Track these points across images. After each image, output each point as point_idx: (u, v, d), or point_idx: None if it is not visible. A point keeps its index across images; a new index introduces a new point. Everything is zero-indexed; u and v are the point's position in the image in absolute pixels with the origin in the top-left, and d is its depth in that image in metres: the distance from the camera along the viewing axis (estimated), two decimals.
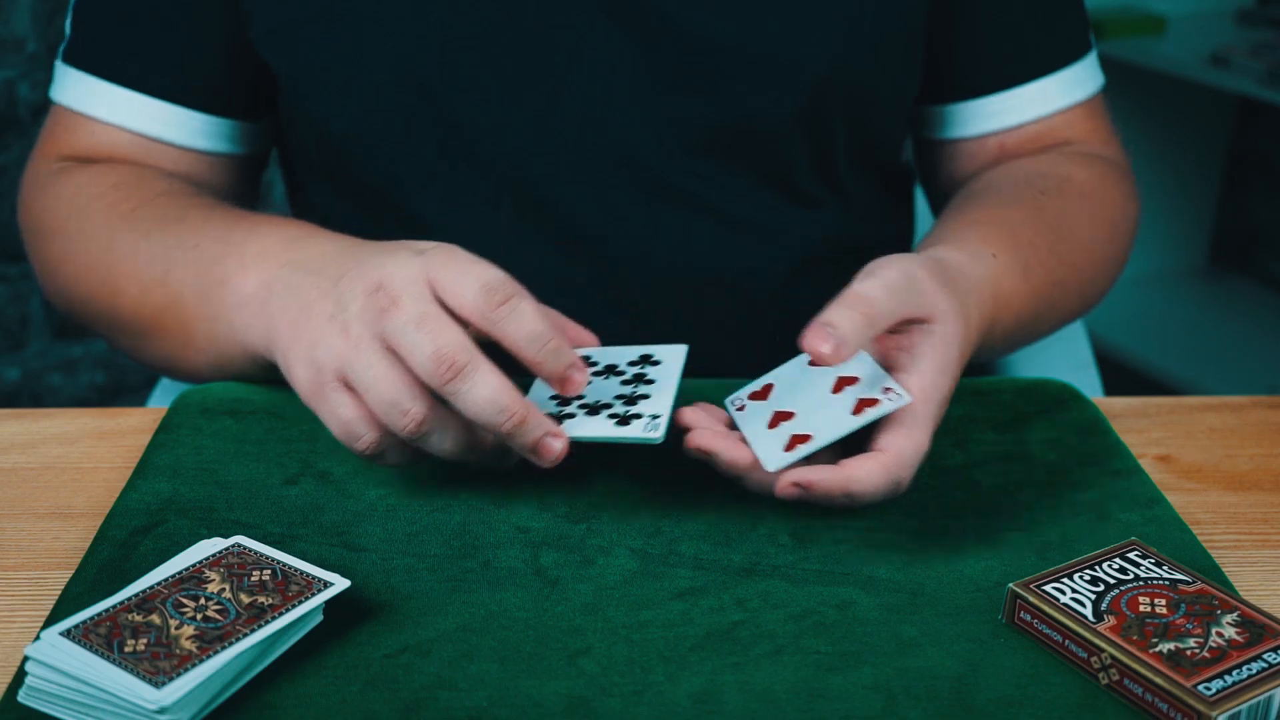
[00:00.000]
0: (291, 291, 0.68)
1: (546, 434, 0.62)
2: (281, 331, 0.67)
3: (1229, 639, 0.55)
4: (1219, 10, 2.45)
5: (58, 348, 2.07)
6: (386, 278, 0.63)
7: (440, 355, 0.60)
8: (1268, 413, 0.79)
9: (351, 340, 0.63)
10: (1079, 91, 0.92)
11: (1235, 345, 2.39)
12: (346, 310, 0.64)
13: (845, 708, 0.53)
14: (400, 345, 0.61)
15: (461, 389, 0.60)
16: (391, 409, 0.62)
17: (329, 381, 0.64)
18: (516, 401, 0.61)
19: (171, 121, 0.86)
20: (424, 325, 0.61)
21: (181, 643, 0.52)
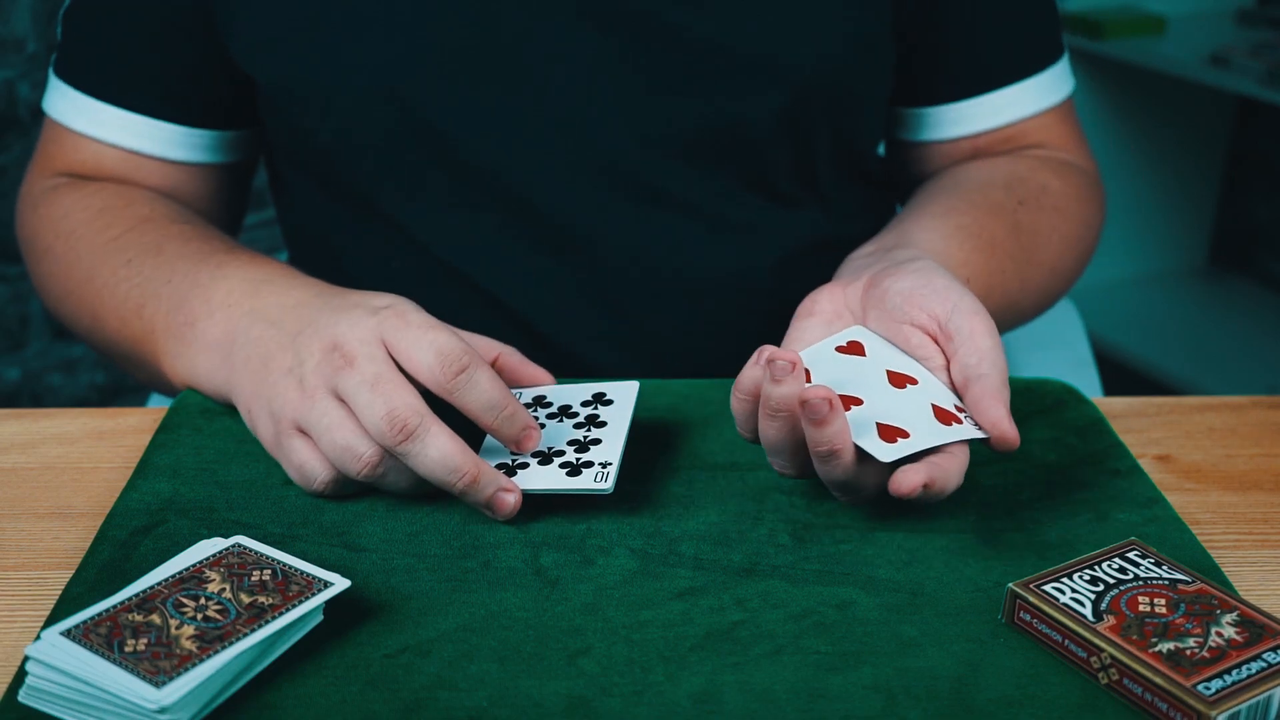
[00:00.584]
0: (253, 344, 0.70)
1: (499, 490, 0.64)
2: (244, 384, 0.70)
3: (1228, 639, 0.55)
4: (1219, 10, 2.45)
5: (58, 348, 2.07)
6: (341, 337, 0.65)
7: (393, 417, 0.62)
8: (1267, 413, 0.79)
9: (307, 393, 0.65)
10: (1051, 96, 0.93)
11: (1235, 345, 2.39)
12: (303, 365, 0.66)
13: (845, 708, 0.53)
14: (354, 404, 0.64)
15: (413, 450, 0.63)
16: (345, 454, 0.64)
17: (285, 430, 0.66)
18: (468, 461, 0.63)
19: (155, 136, 0.87)
20: (377, 387, 0.63)
21: (182, 642, 0.52)
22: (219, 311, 0.73)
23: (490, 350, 0.71)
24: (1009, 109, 0.92)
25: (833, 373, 0.65)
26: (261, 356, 0.69)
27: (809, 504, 0.67)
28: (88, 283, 0.82)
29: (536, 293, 0.86)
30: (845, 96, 0.86)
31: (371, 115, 0.82)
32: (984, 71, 0.91)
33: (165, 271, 0.78)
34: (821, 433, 0.60)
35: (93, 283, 0.81)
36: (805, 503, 0.67)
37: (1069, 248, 0.90)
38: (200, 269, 0.77)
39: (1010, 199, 0.86)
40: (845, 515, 0.66)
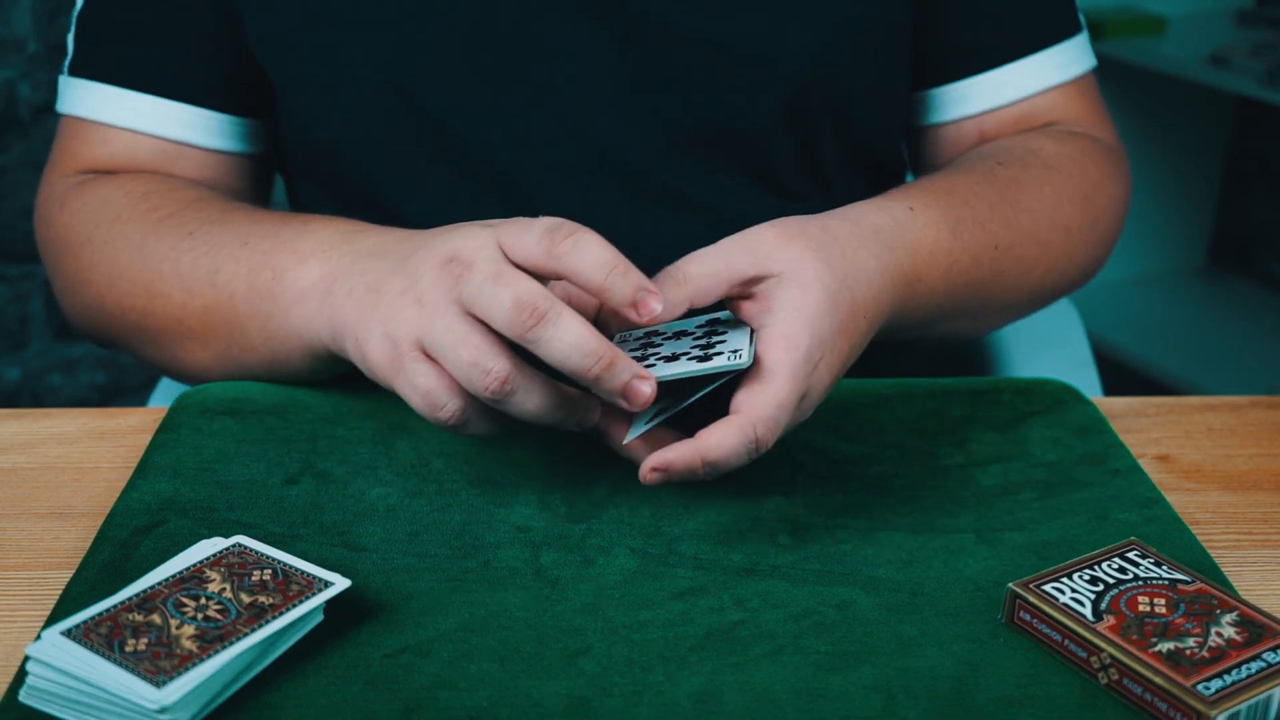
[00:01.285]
0: (356, 276, 0.67)
1: (634, 376, 0.60)
2: (349, 315, 0.66)
3: (1228, 639, 0.55)
4: (1219, 10, 2.45)
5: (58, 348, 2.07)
6: (457, 249, 0.62)
7: (521, 303, 0.59)
8: (1267, 413, 0.79)
9: (428, 309, 0.62)
10: (1062, 73, 0.90)
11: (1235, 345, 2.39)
12: (419, 282, 0.63)
13: (845, 708, 0.53)
14: (478, 304, 0.60)
15: (545, 335, 0.59)
16: (473, 369, 0.60)
17: (407, 353, 0.62)
18: (603, 345, 0.60)
19: (192, 123, 0.85)
20: (500, 279, 0.60)
21: (182, 642, 0.52)
22: (313, 258, 0.70)
23: None
24: (1014, 85, 0.89)
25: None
26: (368, 285, 0.66)
27: (809, 504, 0.67)
28: (140, 261, 0.78)
29: None
30: (847, 89, 0.85)
31: (373, 108, 0.82)
32: (986, 48, 0.89)
33: (239, 235, 0.75)
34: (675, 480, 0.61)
35: (147, 259, 0.78)
36: (805, 503, 0.67)
37: (1070, 200, 0.85)
38: (283, 227, 0.74)
39: (985, 162, 0.83)
40: (845, 515, 0.66)
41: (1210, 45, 2.20)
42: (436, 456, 0.71)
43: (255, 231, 0.75)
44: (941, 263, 0.75)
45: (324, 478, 0.69)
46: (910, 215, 0.73)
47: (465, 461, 0.70)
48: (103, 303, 0.82)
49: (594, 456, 0.70)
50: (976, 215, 0.78)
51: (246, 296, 0.73)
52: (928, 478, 0.70)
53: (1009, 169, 0.83)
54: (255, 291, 0.73)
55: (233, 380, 0.78)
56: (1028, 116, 0.91)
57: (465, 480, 0.69)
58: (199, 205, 0.80)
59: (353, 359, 0.67)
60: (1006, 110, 0.90)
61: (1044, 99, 0.90)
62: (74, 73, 0.86)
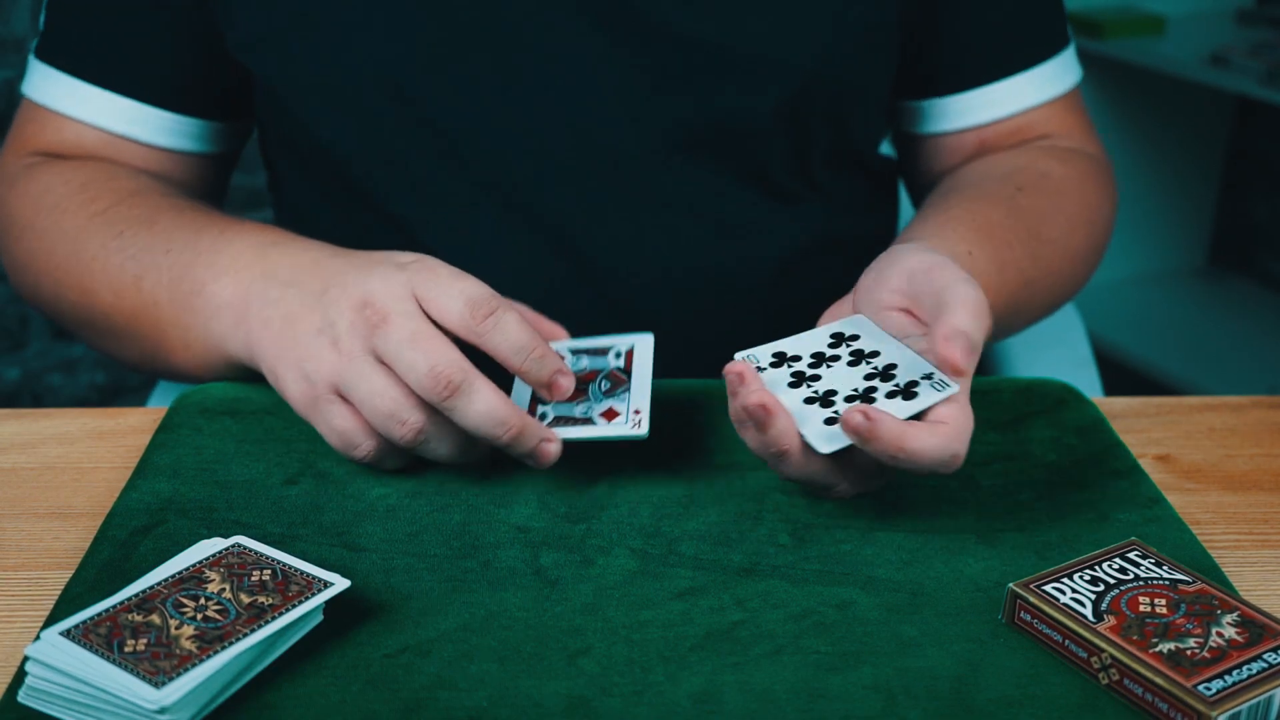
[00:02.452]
0: (271, 305, 0.69)
1: (542, 441, 0.64)
2: (265, 344, 0.68)
3: (1229, 639, 0.55)
4: (1219, 10, 2.45)
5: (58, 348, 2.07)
6: (372, 294, 0.65)
7: (436, 374, 0.62)
8: (1268, 413, 0.79)
9: (344, 354, 0.64)
10: (1057, 86, 0.92)
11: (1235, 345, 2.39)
12: (335, 326, 0.65)
13: (845, 708, 0.53)
14: (396, 363, 0.63)
15: (459, 405, 0.62)
16: (389, 420, 0.64)
17: (323, 394, 0.65)
18: (513, 413, 0.63)
19: (138, 120, 0.86)
20: (417, 344, 0.63)
21: (181, 643, 0.52)
22: (226, 275, 0.72)
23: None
24: (1013, 99, 0.91)
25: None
26: (284, 316, 0.68)
27: (809, 504, 0.67)
28: (75, 256, 0.80)
29: (534, 289, 0.85)
30: (844, 92, 0.86)
31: (370, 109, 0.82)
32: (987, 62, 0.91)
33: (163, 241, 0.77)
34: (763, 437, 0.62)
35: (80, 256, 0.80)
36: (805, 503, 0.67)
37: (1076, 229, 0.88)
38: (200, 237, 0.75)
39: (1006, 187, 0.85)
40: (845, 515, 0.66)
41: (1210, 45, 2.20)
42: None
43: (177, 239, 0.77)
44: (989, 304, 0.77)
45: (324, 478, 0.69)
46: (969, 261, 0.76)
47: None
48: (40, 289, 0.84)
49: (594, 456, 0.69)
50: (1014, 256, 0.81)
51: (169, 305, 0.75)
52: (928, 478, 0.70)
53: (1029, 198, 0.85)
54: (176, 303, 0.75)
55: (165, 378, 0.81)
56: (1025, 128, 0.92)
57: (465, 480, 0.69)
58: (133, 201, 0.81)
59: (269, 381, 0.70)
60: (1007, 121, 0.92)
61: (1040, 111, 0.92)
62: (38, 55, 0.88)
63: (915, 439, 0.60)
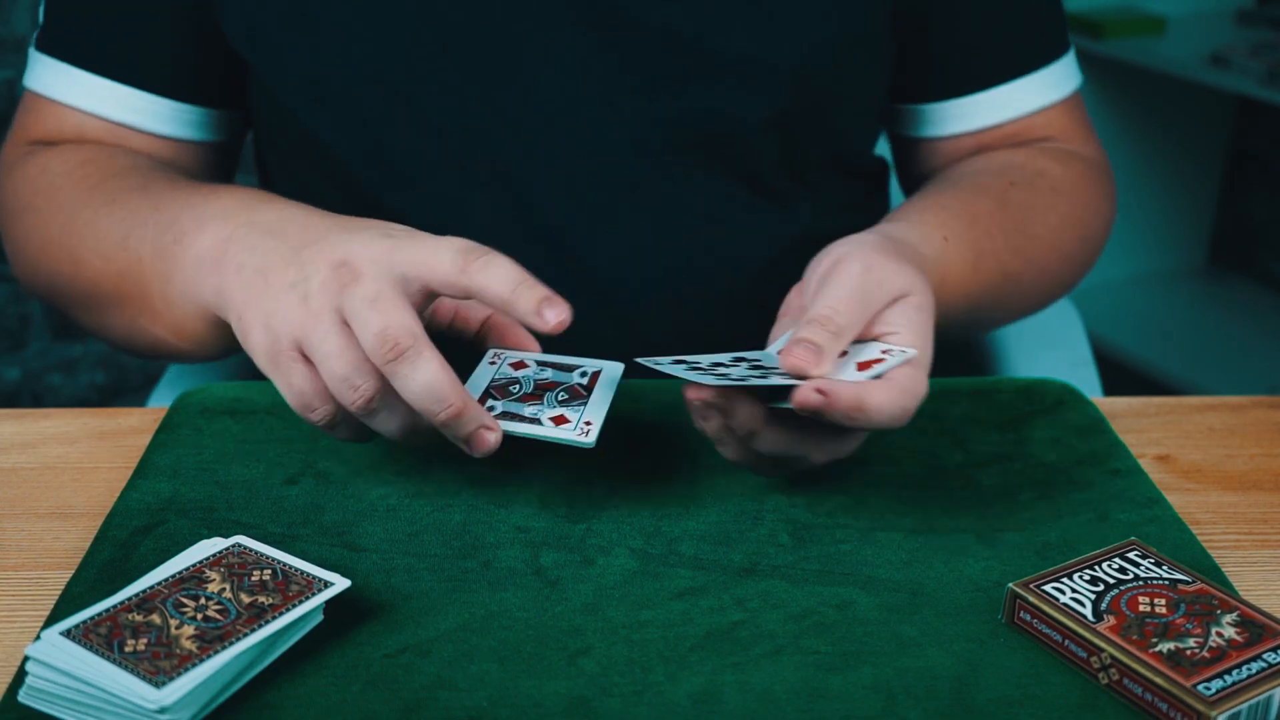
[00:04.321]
0: (249, 251, 0.68)
1: (481, 426, 0.62)
2: (236, 292, 0.67)
3: (1229, 639, 0.55)
4: (1219, 10, 2.45)
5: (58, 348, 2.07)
6: (352, 254, 0.64)
7: (385, 335, 0.61)
8: (1268, 413, 0.79)
9: (311, 311, 0.63)
10: (1056, 91, 0.92)
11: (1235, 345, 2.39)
12: (308, 281, 0.64)
13: (845, 708, 0.53)
14: (354, 320, 0.62)
15: (401, 371, 0.61)
16: (342, 384, 0.62)
17: (285, 350, 0.64)
18: (454, 392, 0.61)
19: (140, 108, 0.86)
20: (376, 304, 0.62)
21: (182, 642, 0.52)
22: (211, 223, 0.71)
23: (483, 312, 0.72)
24: (1012, 104, 0.91)
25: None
26: (258, 267, 0.66)
27: (809, 504, 0.67)
28: (68, 226, 0.80)
29: None
30: (835, 93, 0.86)
31: (361, 105, 0.82)
32: (986, 67, 0.91)
33: (151, 200, 0.76)
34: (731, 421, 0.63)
35: (73, 225, 0.80)
36: (805, 503, 0.67)
37: (1069, 228, 0.88)
38: (193, 194, 0.75)
39: (1000, 180, 0.85)
40: (845, 515, 0.66)
41: (1210, 45, 2.20)
42: (437, 456, 0.71)
43: (166, 197, 0.76)
44: (959, 291, 0.78)
45: (324, 478, 0.69)
46: (945, 246, 0.76)
47: (465, 461, 0.70)
48: (38, 268, 0.84)
49: (594, 456, 0.69)
50: (995, 246, 0.81)
51: (151, 258, 0.75)
52: (928, 478, 0.70)
53: (1021, 192, 0.85)
54: (158, 253, 0.74)
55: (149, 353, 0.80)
56: (1023, 132, 0.92)
57: (465, 480, 0.69)
58: (127, 173, 0.81)
59: (235, 334, 0.68)
60: (1004, 127, 0.92)
61: (1039, 116, 0.92)
62: (38, 46, 0.88)
63: (872, 397, 0.61)
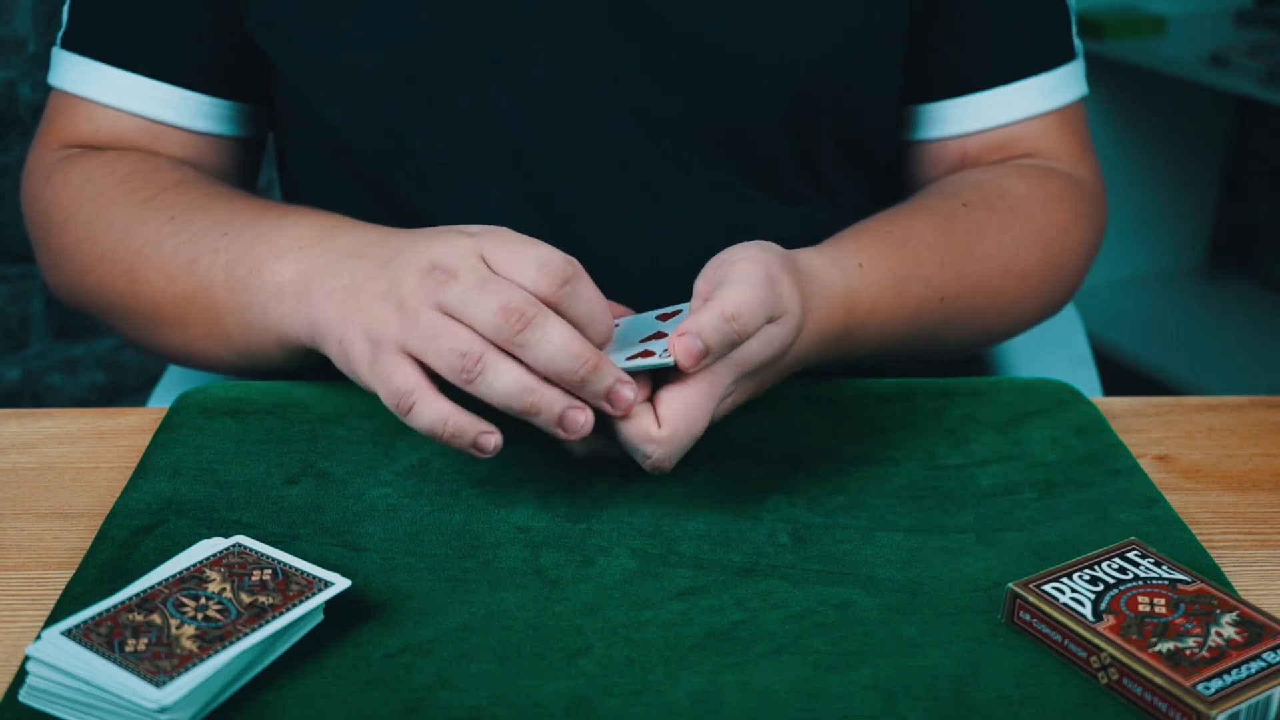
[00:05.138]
0: (334, 277, 0.67)
1: (618, 381, 0.62)
2: (330, 315, 0.67)
3: (1228, 639, 0.55)
4: (1218, 10, 2.45)
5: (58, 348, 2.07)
6: (439, 256, 0.63)
7: (508, 309, 0.60)
8: (1268, 413, 0.79)
9: (408, 312, 0.63)
10: (1049, 100, 0.90)
11: (1235, 345, 2.39)
12: (400, 288, 0.63)
13: (845, 708, 0.53)
14: (463, 310, 0.61)
15: (533, 339, 0.60)
16: (450, 355, 0.61)
17: (386, 350, 0.63)
18: (588, 350, 0.61)
19: (175, 104, 0.85)
20: (485, 287, 0.61)
21: (182, 642, 0.52)
22: (289, 254, 0.71)
23: None
24: (998, 110, 0.89)
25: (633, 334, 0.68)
26: (348, 286, 0.66)
27: (809, 504, 0.67)
28: (123, 244, 0.79)
29: None
30: (850, 92, 0.85)
31: (379, 95, 0.82)
32: (976, 70, 0.89)
33: (219, 225, 0.75)
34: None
35: (130, 243, 0.78)
36: (805, 503, 0.67)
37: (1029, 249, 0.85)
38: (260, 219, 0.74)
39: (950, 202, 0.83)
40: (845, 515, 0.66)
41: (1210, 45, 2.20)
42: (436, 456, 0.71)
43: (235, 221, 0.75)
44: (879, 317, 0.77)
45: (324, 478, 0.69)
46: (859, 273, 0.75)
47: (465, 461, 0.70)
48: (85, 281, 0.82)
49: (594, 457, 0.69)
50: (925, 270, 0.79)
51: (225, 288, 0.74)
52: (928, 478, 0.70)
53: (972, 212, 0.83)
54: (233, 284, 0.73)
55: (206, 369, 0.80)
56: (1011, 142, 0.90)
57: (465, 480, 0.69)
58: (181, 188, 0.80)
59: (335, 360, 0.68)
60: (990, 134, 0.90)
61: (1029, 125, 0.90)
62: (65, 46, 0.87)
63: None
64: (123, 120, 0.85)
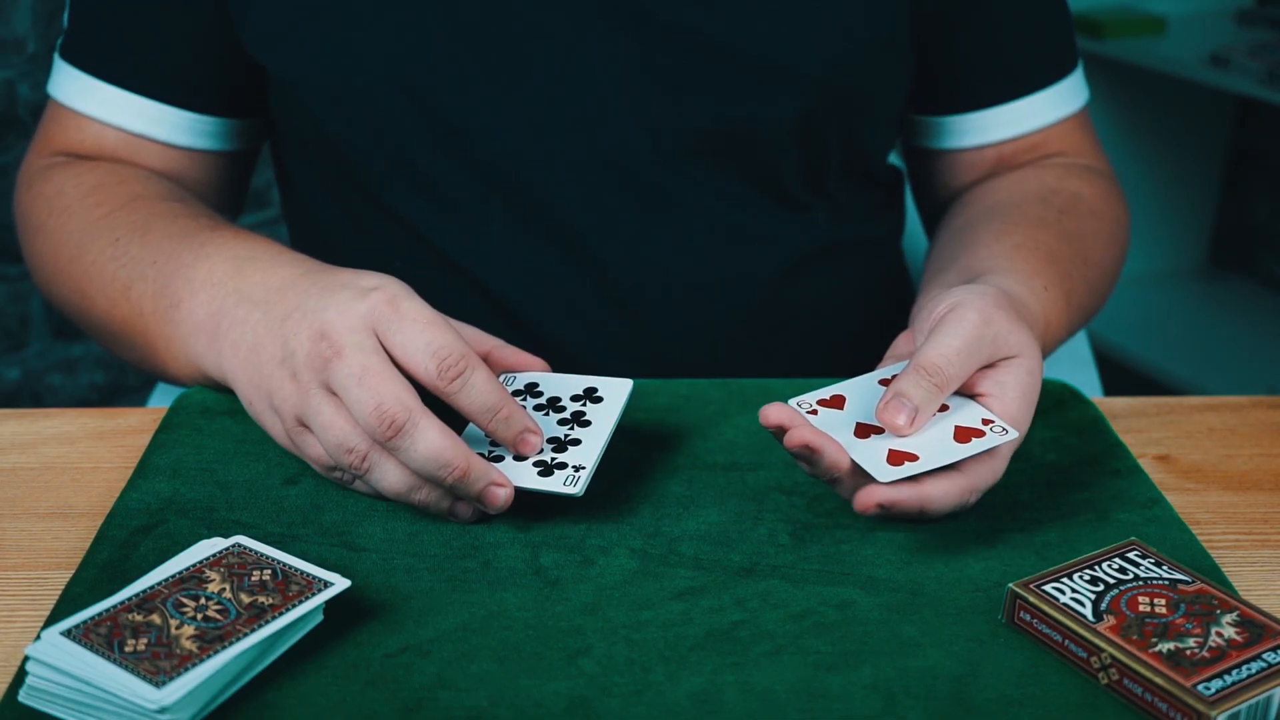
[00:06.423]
0: (239, 327, 0.70)
1: (490, 484, 0.63)
2: (237, 373, 0.70)
3: (1228, 639, 0.55)
4: (1219, 10, 2.45)
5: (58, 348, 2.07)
6: (328, 325, 0.64)
7: (381, 412, 0.62)
8: (1268, 413, 0.79)
9: (301, 387, 0.65)
10: (1070, 104, 0.94)
11: (1235, 345, 2.39)
12: (294, 357, 0.65)
13: (845, 708, 0.53)
14: (344, 398, 0.63)
15: (403, 445, 0.62)
16: (338, 450, 0.64)
17: (293, 427, 0.66)
18: (458, 455, 0.62)
19: (158, 119, 0.87)
20: (364, 381, 0.62)
21: (182, 642, 0.52)
22: (202, 292, 0.73)
23: (483, 344, 0.71)
24: (1032, 117, 0.93)
25: (868, 402, 0.67)
26: (250, 344, 0.69)
27: (809, 504, 0.67)
28: (76, 260, 0.81)
29: (541, 292, 0.85)
30: (858, 101, 0.86)
31: (380, 105, 0.82)
32: (1007, 80, 0.92)
33: (151, 252, 0.77)
34: (815, 469, 0.64)
35: (81, 261, 0.81)
36: (805, 503, 0.67)
37: (1110, 247, 0.90)
38: (184, 249, 0.76)
39: (1050, 211, 0.86)
40: (845, 515, 0.66)
41: (1210, 45, 2.20)
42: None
43: (164, 250, 0.77)
44: (1055, 335, 0.80)
45: (324, 478, 0.69)
46: (1045, 295, 0.78)
47: None
48: (50, 288, 0.86)
49: None
50: (1074, 285, 0.83)
51: (152, 317, 0.77)
52: None
53: (1071, 220, 0.87)
54: (158, 315, 0.76)
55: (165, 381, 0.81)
56: (1041, 144, 0.94)
57: None
58: (134, 205, 0.82)
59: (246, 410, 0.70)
60: (1022, 139, 0.93)
61: (1055, 129, 0.94)
62: (62, 54, 0.88)
63: (934, 500, 0.63)
64: (105, 132, 0.87)
